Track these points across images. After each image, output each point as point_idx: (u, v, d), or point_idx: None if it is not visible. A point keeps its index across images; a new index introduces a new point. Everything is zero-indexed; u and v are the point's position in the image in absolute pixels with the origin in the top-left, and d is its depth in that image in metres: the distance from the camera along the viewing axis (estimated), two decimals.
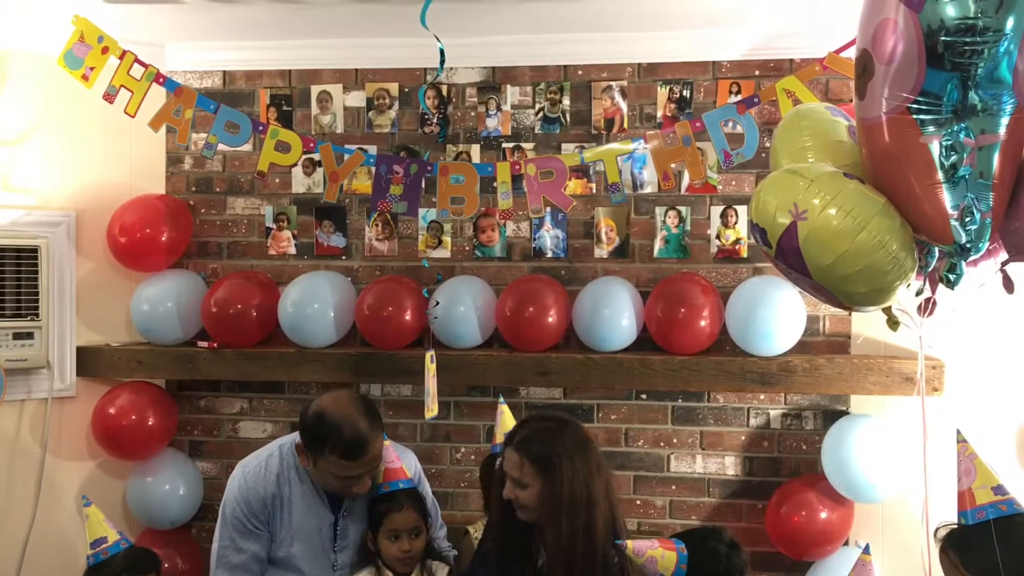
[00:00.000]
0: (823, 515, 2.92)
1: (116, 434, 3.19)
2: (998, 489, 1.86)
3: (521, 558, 2.40)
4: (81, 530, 3.19)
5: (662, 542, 2.08)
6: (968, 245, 1.82)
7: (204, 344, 3.23)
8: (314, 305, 3.13)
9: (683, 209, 3.16)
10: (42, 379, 3.13)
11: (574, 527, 2.21)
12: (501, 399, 2.90)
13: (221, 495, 2.65)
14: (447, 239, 3.29)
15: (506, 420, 2.83)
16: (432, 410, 2.80)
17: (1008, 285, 1.99)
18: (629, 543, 2.07)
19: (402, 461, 2.65)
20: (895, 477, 2.85)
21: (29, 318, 3.05)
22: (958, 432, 1.95)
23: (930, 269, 1.97)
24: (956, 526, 1.90)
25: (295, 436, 2.60)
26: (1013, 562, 1.76)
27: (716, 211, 3.15)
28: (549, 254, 3.25)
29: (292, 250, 3.38)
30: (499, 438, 2.75)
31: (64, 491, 3.23)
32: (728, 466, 3.17)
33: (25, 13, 2.97)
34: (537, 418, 2.44)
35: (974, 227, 1.81)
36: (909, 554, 2.76)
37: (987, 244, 1.85)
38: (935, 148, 1.81)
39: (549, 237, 3.24)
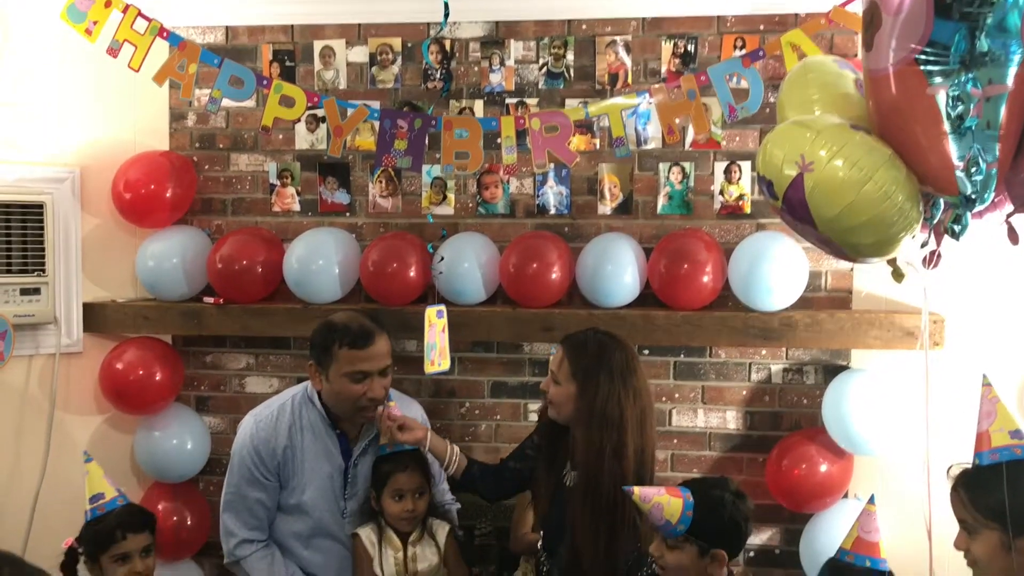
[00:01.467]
0: (823, 468, 2.96)
1: (123, 389, 3.22)
2: (1015, 434, 1.88)
3: (554, 468, 2.46)
4: None
5: (669, 489, 2.12)
6: (973, 196, 1.83)
7: (210, 300, 3.24)
8: (319, 261, 3.14)
9: (687, 165, 3.16)
10: (49, 335, 3.15)
11: (602, 443, 2.26)
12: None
13: (228, 449, 2.70)
14: (451, 196, 3.30)
15: None
16: (439, 364, 2.83)
17: (1013, 237, 2.01)
18: (636, 489, 2.11)
19: (411, 410, 2.71)
20: (894, 430, 2.88)
21: (36, 274, 3.06)
22: (984, 376, 1.97)
23: (935, 221, 1.98)
24: (969, 466, 1.92)
25: (306, 385, 2.66)
26: (1020, 504, 1.79)
27: (720, 167, 3.15)
28: (552, 211, 3.25)
29: (296, 207, 3.38)
30: None
31: (73, 445, 3.26)
32: (729, 420, 3.20)
33: None
34: (600, 330, 2.45)
35: (979, 178, 1.82)
36: (908, 506, 2.79)
37: (992, 195, 1.86)
38: (942, 99, 1.81)
39: (552, 194, 3.25)
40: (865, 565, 2.32)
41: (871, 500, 2.42)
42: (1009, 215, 2.01)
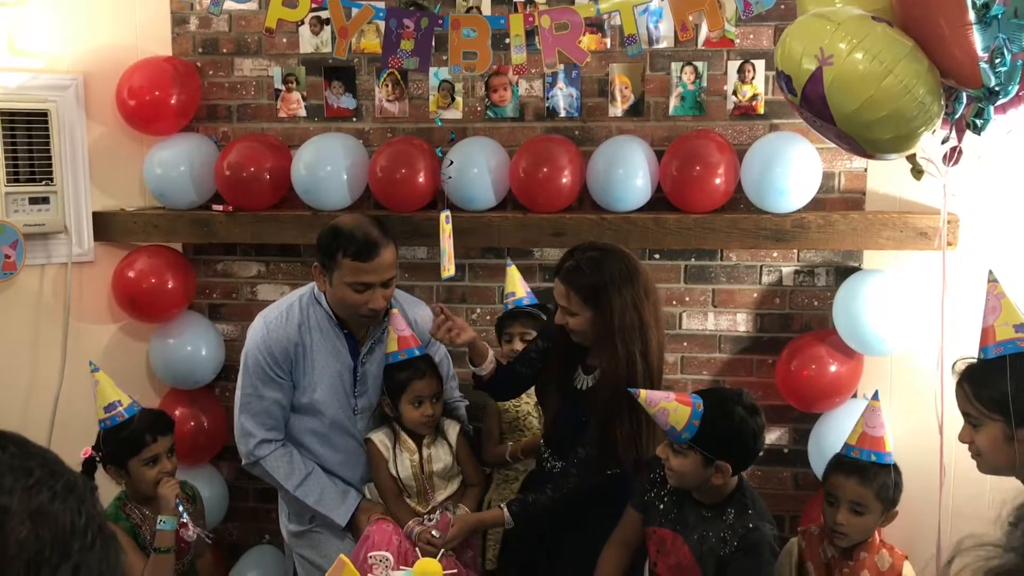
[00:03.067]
0: (832, 368, 2.98)
1: (136, 297, 3.24)
2: (1020, 327, 1.89)
3: (564, 373, 2.50)
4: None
5: (679, 396, 2.12)
6: (997, 88, 1.79)
7: (219, 208, 3.23)
8: (327, 168, 3.12)
9: (699, 65, 3.10)
10: (60, 244, 3.16)
11: (630, 351, 2.30)
12: (509, 261, 3.04)
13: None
14: (459, 99, 3.24)
15: (513, 278, 2.98)
16: (448, 270, 2.83)
17: None
18: (643, 392, 2.12)
19: (419, 312, 2.78)
20: (905, 330, 2.89)
21: (44, 183, 3.05)
22: (990, 272, 1.96)
23: (957, 116, 1.94)
24: (974, 361, 1.94)
25: (313, 285, 2.68)
26: (1023, 395, 1.81)
27: (733, 66, 3.08)
28: (563, 113, 3.20)
29: (302, 112, 3.34)
30: (511, 293, 2.98)
31: (89, 354, 3.26)
32: (740, 323, 3.21)
33: None
34: (584, 247, 2.42)
35: (1004, 69, 1.77)
36: (915, 404, 2.83)
37: (1017, 87, 1.82)
38: None
39: (562, 96, 3.19)
40: (871, 460, 2.37)
41: (875, 396, 2.45)
42: None
